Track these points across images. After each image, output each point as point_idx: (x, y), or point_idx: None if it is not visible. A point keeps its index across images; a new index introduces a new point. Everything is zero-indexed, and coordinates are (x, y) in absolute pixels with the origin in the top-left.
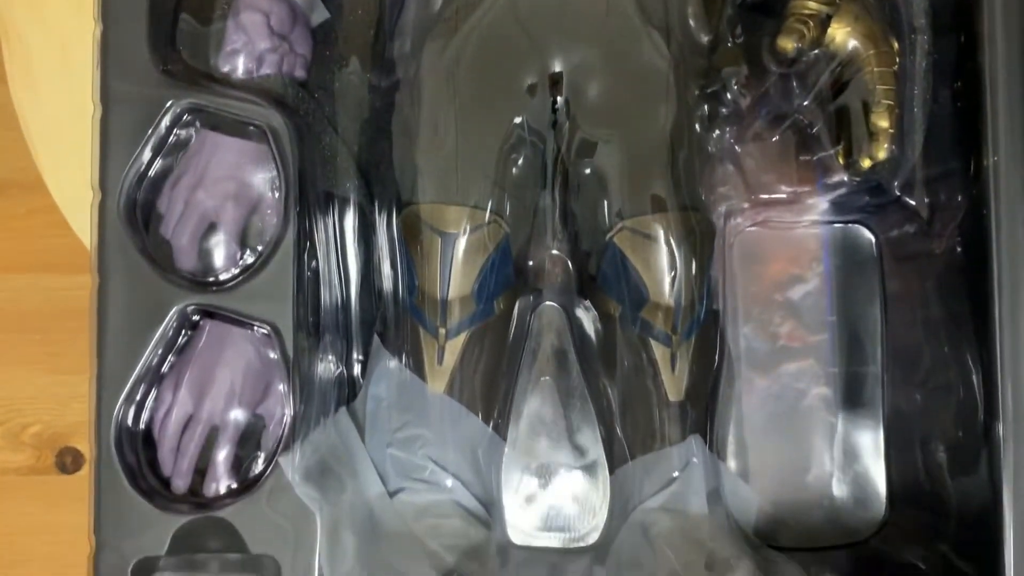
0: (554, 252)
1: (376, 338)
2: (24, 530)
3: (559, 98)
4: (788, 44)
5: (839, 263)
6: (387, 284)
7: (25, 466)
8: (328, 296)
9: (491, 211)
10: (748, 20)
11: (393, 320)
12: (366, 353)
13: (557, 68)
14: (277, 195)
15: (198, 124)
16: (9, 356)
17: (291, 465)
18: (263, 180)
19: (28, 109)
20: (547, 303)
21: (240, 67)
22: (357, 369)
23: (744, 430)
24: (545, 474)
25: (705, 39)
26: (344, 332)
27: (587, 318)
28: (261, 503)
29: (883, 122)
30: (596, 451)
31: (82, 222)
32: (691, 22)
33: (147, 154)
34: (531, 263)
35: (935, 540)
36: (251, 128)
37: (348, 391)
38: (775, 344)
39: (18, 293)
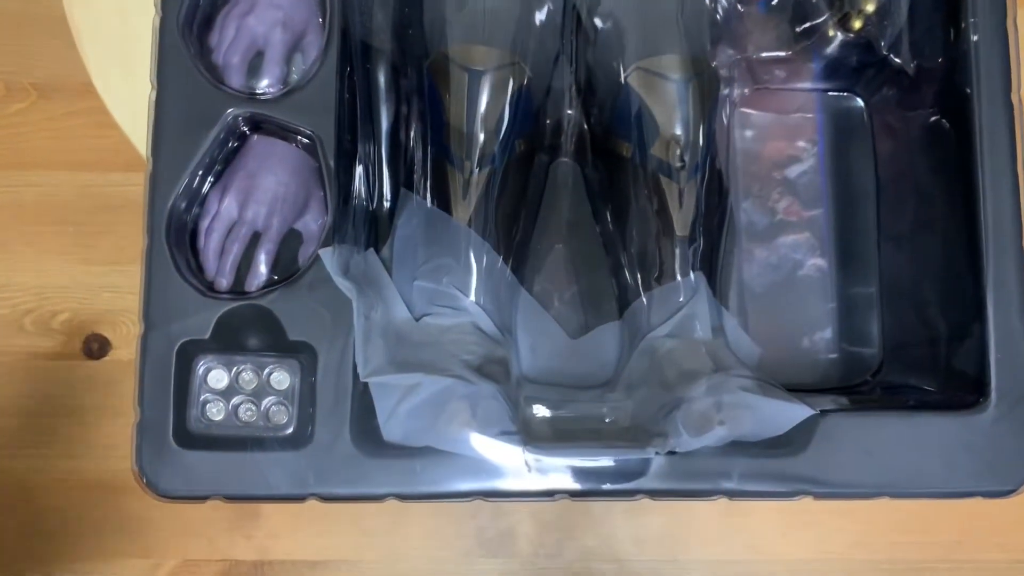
0: (569, 112)
1: (402, 188)
2: (49, 412)
3: None
4: None
5: (832, 135)
6: (415, 134)
7: (53, 352)
8: (362, 140)
9: (515, 53)
10: None
11: (420, 164)
12: (394, 198)
13: None
14: (322, 21)
15: None
16: (43, 246)
17: (331, 258)
18: (311, 12)
19: (79, 12)
20: (562, 159)
21: None
22: (385, 213)
23: (745, 297)
24: (557, 329)
25: None
26: (377, 176)
27: (598, 175)
28: (301, 292)
29: None
30: (607, 308)
31: (128, 119)
32: None
33: None
34: (548, 121)
35: (929, 374)
36: None
37: (376, 235)
38: (773, 219)
39: (55, 188)
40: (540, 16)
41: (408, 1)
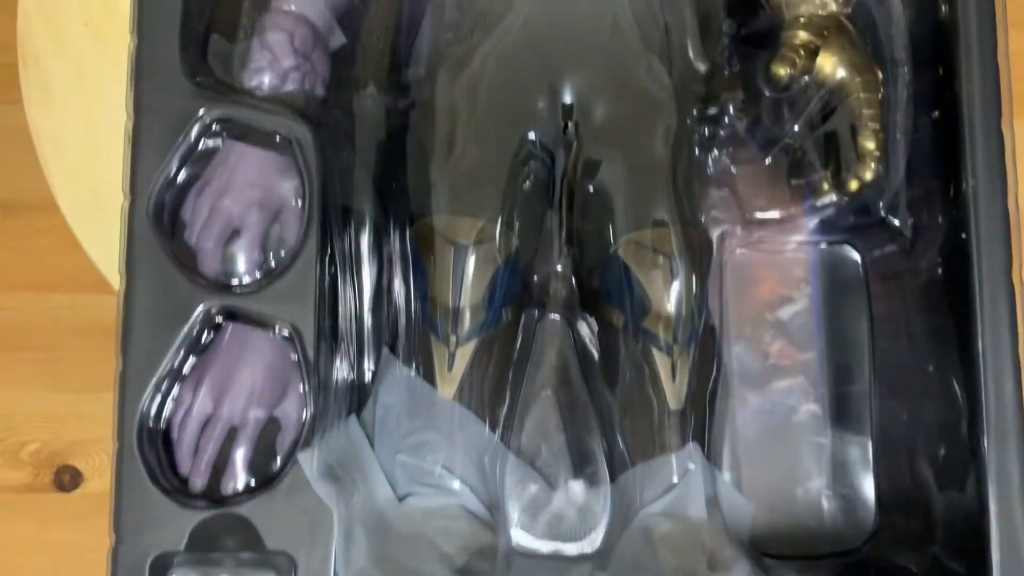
0: (559, 268)
1: (385, 349)
2: (20, 548)
3: (570, 122)
4: (781, 70)
5: (827, 283)
6: (399, 297)
7: (23, 484)
8: (343, 306)
9: (502, 224)
10: (742, 52)
11: (404, 331)
12: (377, 363)
13: (567, 91)
14: (300, 203)
15: (225, 135)
16: (9, 374)
17: (309, 462)
18: (287, 189)
19: (44, 129)
20: (551, 316)
21: (265, 83)
22: (368, 378)
23: (738, 444)
24: (547, 483)
25: (703, 68)
26: (357, 342)
27: (589, 331)
28: (278, 499)
29: (870, 144)
30: (597, 461)
31: (92, 239)
32: (690, 52)
33: (175, 162)
34: (536, 278)
35: (925, 544)
36: (276, 139)
37: (359, 399)
38: (766, 362)
39: (20, 311)
40: (528, 183)
41: (390, 163)
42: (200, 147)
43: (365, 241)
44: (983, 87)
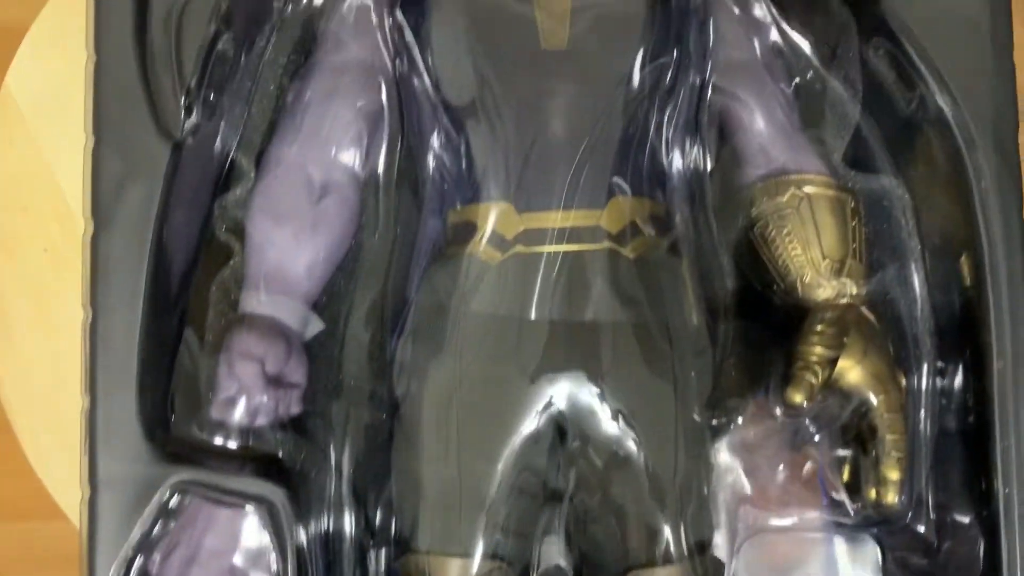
0: None
1: None
2: None
3: (566, 441)
4: (798, 397)
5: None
6: None
7: None
8: None
9: (494, 558)
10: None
11: None
12: None
13: (561, 405)
14: (275, 568)
15: (191, 496)
16: None
17: None
18: (259, 553)
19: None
20: None
21: (235, 418)
22: None
23: None
24: None
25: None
26: None
27: None
28: None
29: (893, 474)
30: None
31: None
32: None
33: (137, 533)
34: None
35: None
36: (248, 500)
37: None
38: None
39: None
40: (524, 501)
41: (373, 477)
42: (167, 506)
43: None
44: (1016, 377)
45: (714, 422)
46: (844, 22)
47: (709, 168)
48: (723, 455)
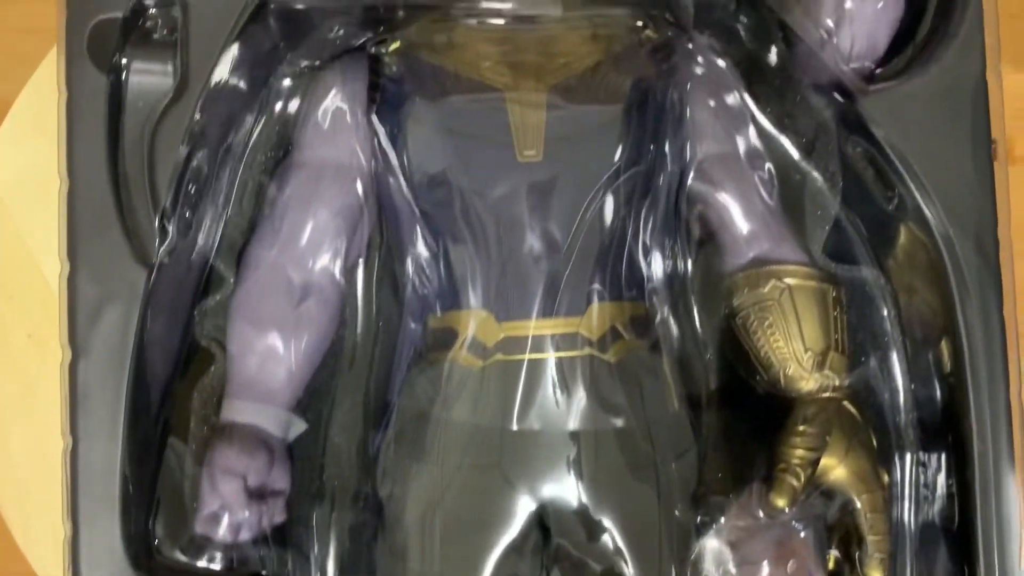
0: None
1: None
2: None
3: (550, 543)
4: (780, 502)
5: None
6: None
7: None
8: None
9: None
10: (733, 427)
11: None
12: None
13: (544, 514)
14: None
15: None
16: None
17: None
18: None
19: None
20: None
21: (218, 534)
22: None
23: None
24: None
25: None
26: None
27: None
28: None
29: (875, 574)
30: None
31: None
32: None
33: None
34: None
35: None
36: None
37: None
38: None
39: None
40: None
41: None
42: None
43: None
44: (997, 471)
45: (698, 519)
46: (821, 119)
47: (690, 265)
48: (708, 551)
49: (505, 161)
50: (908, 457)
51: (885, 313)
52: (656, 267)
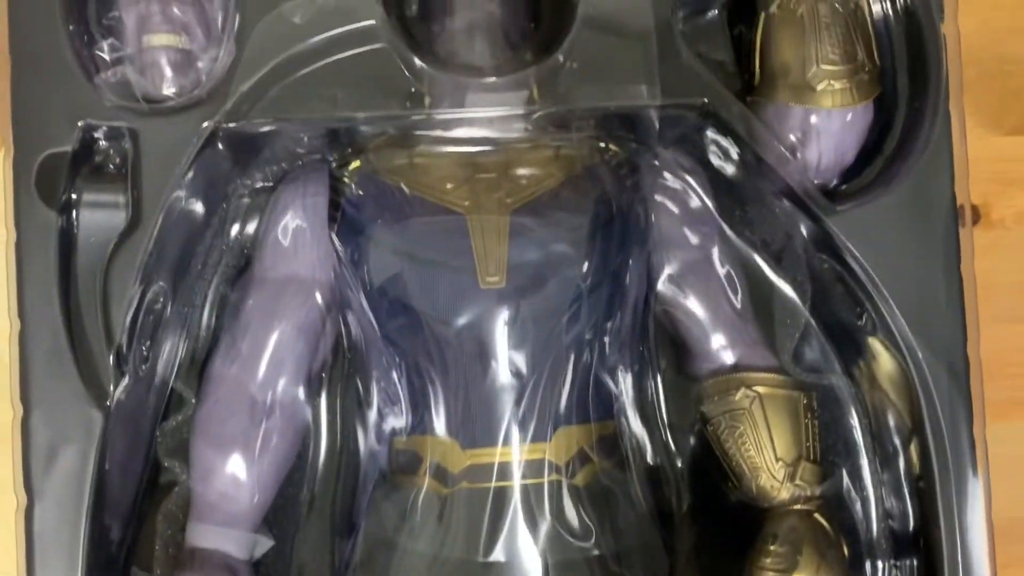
0: None
1: None
2: None
3: None
4: None
5: None
6: None
7: None
8: None
9: None
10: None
11: None
12: None
13: None
14: None
15: None
16: None
17: None
18: None
19: None
20: None
21: None
22: None
23: None
24: None
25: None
26: None
27: None
28: None
29: None
30: None
31: None
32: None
33: None
34: None
35: None
36: None
37: None
38: None
39: None
40: None
41: None
42: None
43: None
44: None
45: None
46: (789, 230)
47: (659, 380)
48: None
49: (468, 288)
50: (880, 565)
51: (855, 421)
52: (624, 385)
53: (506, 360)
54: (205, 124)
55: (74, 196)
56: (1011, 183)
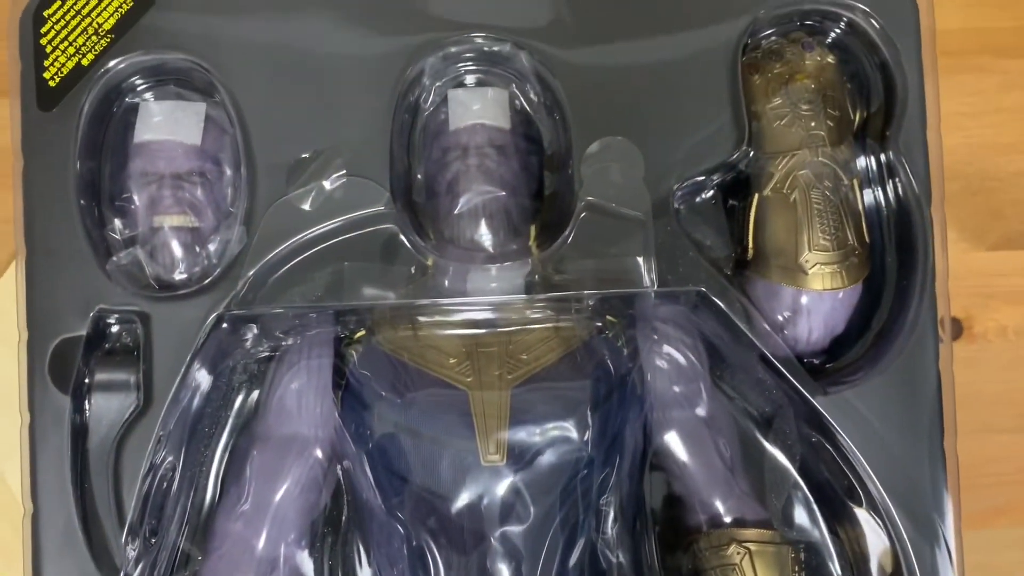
0: None
1: None
2: None
3: None
4: None
5: None
6: None
7: None
8: None
9: None
10: None
11: None
12: None
13: None
14: None
15: None
16: None
17: None
18: None
19: None
20: None
21: None
22: None
23: None
24: None
25: None
26: None
27: None
28: None
29: None
30: None
31: None
32: None
33: None
34: None
35: None
36: None
37: None
38: None
39: None
40: None
41: None
42: None
43: None
44: None
45: None
46: (779, 401)
47: (655, 544)
48: None
49: (469, 465)
50: None
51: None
52: (622, 555)
53: (504, 534)
54: (214, 314)
55: (86, 380)
56: (993, 297)
